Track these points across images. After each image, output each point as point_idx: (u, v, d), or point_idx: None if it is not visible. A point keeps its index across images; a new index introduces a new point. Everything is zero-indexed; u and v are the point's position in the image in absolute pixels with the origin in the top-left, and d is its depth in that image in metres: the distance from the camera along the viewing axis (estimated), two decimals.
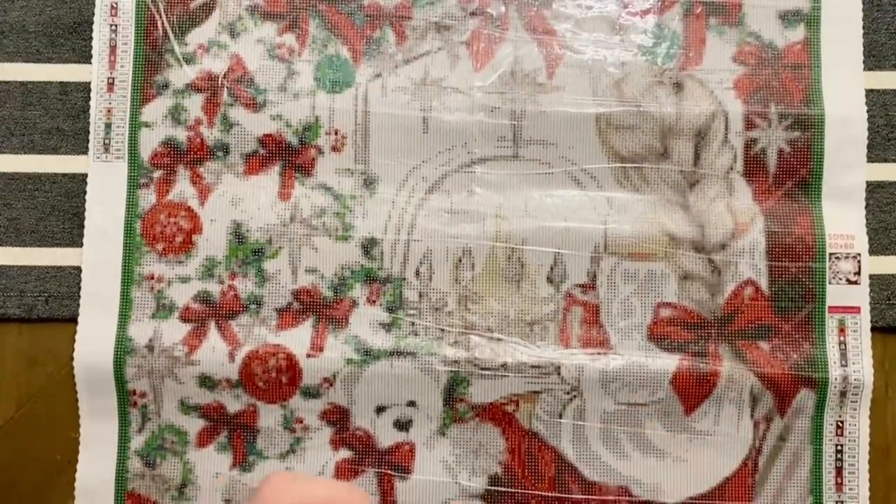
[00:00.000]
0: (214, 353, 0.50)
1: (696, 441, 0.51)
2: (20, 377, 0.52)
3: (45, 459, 0.51)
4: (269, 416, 0.51)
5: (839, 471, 0.50)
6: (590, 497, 0.51)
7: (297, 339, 0.50)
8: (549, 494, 0.50)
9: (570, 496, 0.51)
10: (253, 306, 0.51)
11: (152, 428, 0.51)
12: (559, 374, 0.50)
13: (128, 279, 0.51)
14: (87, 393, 0.51)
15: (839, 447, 0.50)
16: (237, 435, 0.51)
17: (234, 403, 0.51)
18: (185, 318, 0.51)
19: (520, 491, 0.51)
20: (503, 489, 0.51)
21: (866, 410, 0.50)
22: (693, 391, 0.50)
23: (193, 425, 0.51)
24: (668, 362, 0.49)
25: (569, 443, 0.51)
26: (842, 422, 0.50)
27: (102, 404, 0.51)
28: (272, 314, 0.51)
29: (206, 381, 0.50)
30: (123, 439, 0.51)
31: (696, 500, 0.50)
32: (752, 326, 0.51)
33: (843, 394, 0.50)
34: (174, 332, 0.50)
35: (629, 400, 0.50)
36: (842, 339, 0.50)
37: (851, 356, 0.50)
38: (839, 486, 0.50)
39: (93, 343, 0.50)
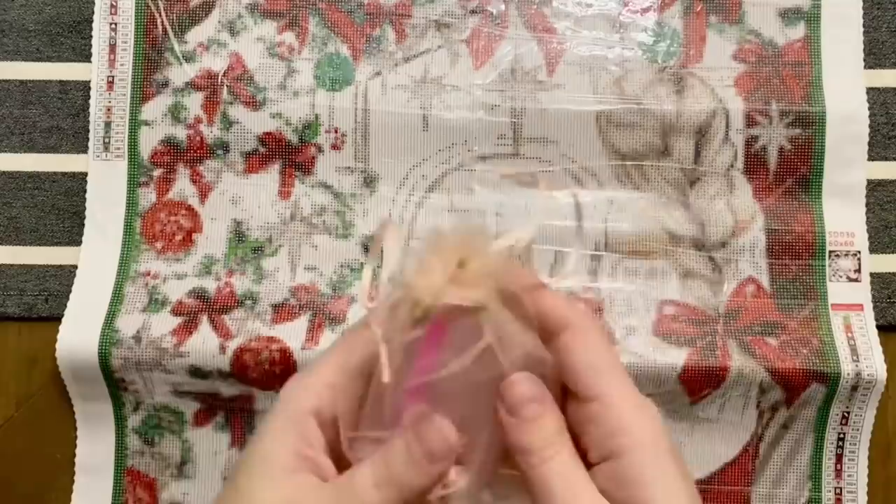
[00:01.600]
0: (204, 345, 0.49)
1: (698, 427, 0.51)
2: (20, 376, 0.52)
3: (45, 459, 0.51)
4: (267, 400, 0.51)
5: (839, 458, 0.50)
6: None
7: (292, 333, 0.50)
8: None
9: None
10: (248, 302, 0.51)
11: (148, 409, 0.51)
12: None
13: (123, 276, 0.51)
14: (74, 381, 0.50)
15: (842, 435, 0.50)
16: (235, 416, 0.51)
17: (228, 389, 0.51)
18: (176, 312, 0.51)
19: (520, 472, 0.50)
20: (504, 471, 0.50)
21: (875, 403, 0.50)
22: (701, 385, 0.49)
23: (189, 407, 0.51)
24: (677, 356, 0.49)
25: None
26: (848, 412, 0.50)
27: (93, 390, 0.50)
28: (267, 309, 0.51)
29: (197, 372, 0.50)
30: (120, 418, 0.51)
31: (696, 485, 0.50)
32: (757, 323, 0.51)
33: (854, 388, 0.49)
34: (163, 324, 0.50)
35: None
36: (849, 335, 0.50)
37: (862, 352, 0.50)
38: (838, 472, 0.50)
39: (77, 334, 0.50)
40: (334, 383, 0.30)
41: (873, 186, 0.52)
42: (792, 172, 0.52)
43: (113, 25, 0.53)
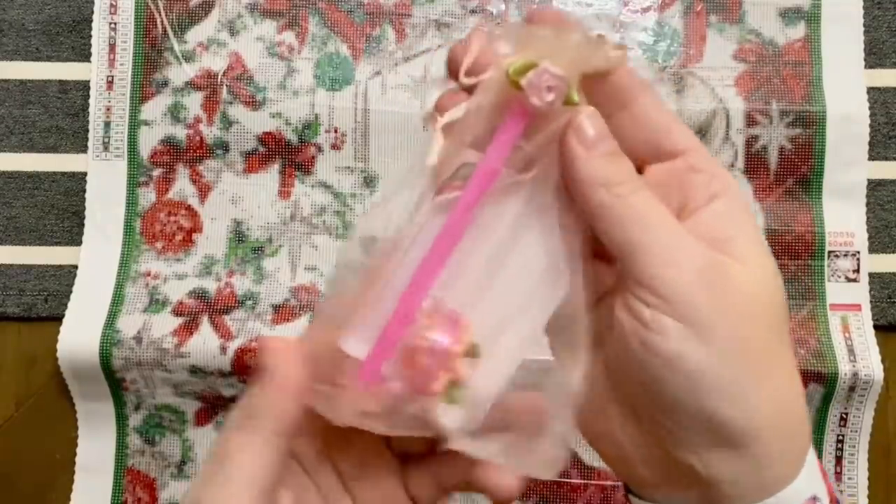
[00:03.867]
0: (205, 346, 0.49)
1: None
2: (20, 376, 0.52)
3: (45, 459, 0.51)
4: None
5: (839, 460, 0.50)
6: (588, 482, 0.51)
7: (292, 333, 0.50)
8: (548, 479, 0.50)
9: (570, 481, 0.50)
10: (249, 302, 0.51)
11: (149, 408, 0.51)
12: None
13: (123, 276, 0.51)
14: (75, 381, 0.50)
15: (840, 437, 0.50)
16: None
17: (228, 389, 0.51)
18: (177, 313, 0.50)
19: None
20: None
21: (872, 404, 0.50)
22: None
23: (190, 406, 0.51)
24: None
25: None
26: (846, 413, 0.50)
27: (94, 389, 0.50)
28: (268, 309, 0.51)
29: (198, 373, 0.50)
30: (121, 417, 0.51)
31: None
32: None
33: (851, 388, 0.49)
34: (164, 324, 0.50)
35: None
36: (847, 335, 0.50)
37: (859, 352, 0.50)
38: (838, 475, 0.50)
39: (78, 334, 0.50)
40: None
41: (874, 186, 0.52)
42: (792, 172, 0.52)
43: (112, 25, 0.53)
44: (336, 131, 0.52)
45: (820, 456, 0.50)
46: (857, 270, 0.51)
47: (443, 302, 0.26)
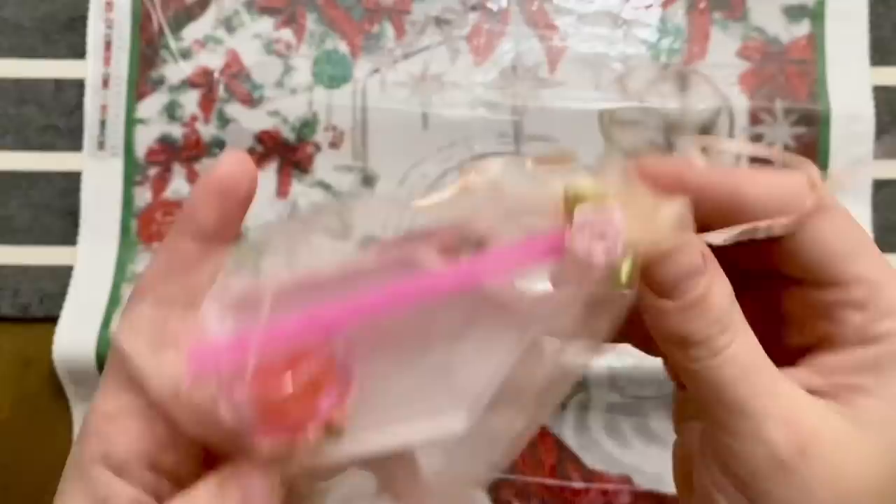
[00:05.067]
0: None
1: None
2: (14, 378, 0.51)
3: (40, 461, 0.51)
4: None
5: None
6: (590, 485, 0.50)
7: None
8: (550, 482, 0.50)
9: (571, 484, 0.50)
10: None
11: None
12: None
13: (119, 277, 0.51)
14: (72, 383, 0.50)
15: None
16: None
17: None
18: None
19: (520, 478, 0.50)
20: (503, 476, 0.50)
21: None
22: None
23: None
24: None
25: (571, 431, 0.50)
26: None
27: (90, 391, 0.50)
28: None
29: None
30: None
31: None
32: None
33: None
34: None
35: (636, 394, 0.50)
36: None
37: None
38: None
39: (74, 335, 0.49)
40: (114, 410, 0.23)
41: (879, 185, 0.52)
42: None
43: (108, 22, 0.52)
44: (334, 130, 0.51)
45: None
46: None
47: (346, 353, 0.22)
